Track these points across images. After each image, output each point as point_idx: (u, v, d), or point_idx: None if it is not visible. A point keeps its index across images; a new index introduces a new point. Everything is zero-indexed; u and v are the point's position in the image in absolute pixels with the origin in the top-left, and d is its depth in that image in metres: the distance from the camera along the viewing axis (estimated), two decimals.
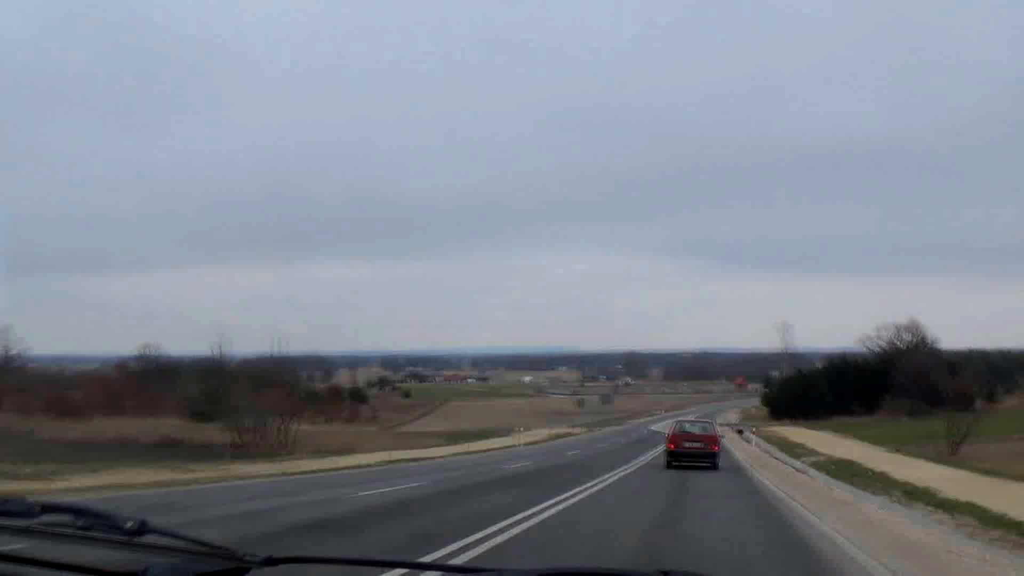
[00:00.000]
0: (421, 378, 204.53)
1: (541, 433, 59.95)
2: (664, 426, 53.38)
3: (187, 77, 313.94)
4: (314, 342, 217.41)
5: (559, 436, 58.73)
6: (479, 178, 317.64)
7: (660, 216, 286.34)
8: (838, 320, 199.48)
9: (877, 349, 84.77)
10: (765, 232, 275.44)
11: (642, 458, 32.04)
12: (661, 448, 31.02)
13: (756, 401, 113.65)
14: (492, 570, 1.57)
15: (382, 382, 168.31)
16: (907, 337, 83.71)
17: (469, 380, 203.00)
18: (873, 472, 24.53)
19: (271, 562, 1.73)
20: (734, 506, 16.37)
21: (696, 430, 28.28)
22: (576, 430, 66.89)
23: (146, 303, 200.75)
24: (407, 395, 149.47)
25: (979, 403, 79.03)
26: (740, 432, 64.45)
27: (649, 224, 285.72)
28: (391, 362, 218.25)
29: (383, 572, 3.43)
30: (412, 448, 41.20)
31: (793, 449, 39.64)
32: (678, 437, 27.24)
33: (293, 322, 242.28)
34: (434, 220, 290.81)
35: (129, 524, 1.71)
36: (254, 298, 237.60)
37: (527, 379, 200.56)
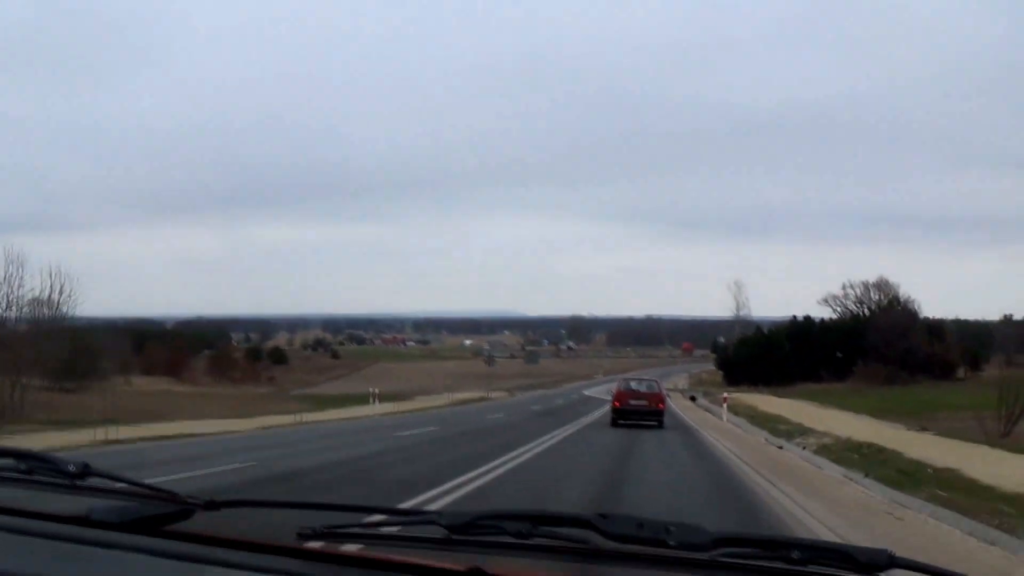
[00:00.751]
0: (360, 340, 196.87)
1: (443, 399, 49.37)
2: (600, 391, 44.34)
3: (125, 32, 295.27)
4: (260, 304, 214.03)
5: (466, 401, 48.40)
6: (425, 139, 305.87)
7: (608, 181, 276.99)
8: (788, 289, 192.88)
9: (843, 310, 75.01)
10: (715, 198, 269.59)
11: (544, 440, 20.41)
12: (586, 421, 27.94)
13: (708, 366, 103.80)
14: (432, 512, 1.61)
15: (317, 344, 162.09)
16: (876, 297, 73.65)
17: (409, 343, 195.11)
18: (964, 477, 13.45)
19: (213, 505, 1.69)
20: None
21: (642, 388, 27.58)
22: (496, 394, 55.32)
23: (86, 263, 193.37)
24: (335, 356, 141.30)
25: (962, 371, 71.12)
26: (693, 399, 53.68)
27: (597, 188, 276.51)
28: (332, 325, 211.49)
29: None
30: (259, 415, 29.70)
31: (772, 424, 28.54)
32: (624, 395, 26.61)
33: (239, 284, 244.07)
34: (380, 182, 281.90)
35: (71, 467, 1.69)
36: (199, 260, 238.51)
37: (468, 342, 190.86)
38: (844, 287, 76.10)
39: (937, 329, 64.97)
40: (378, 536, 1.71)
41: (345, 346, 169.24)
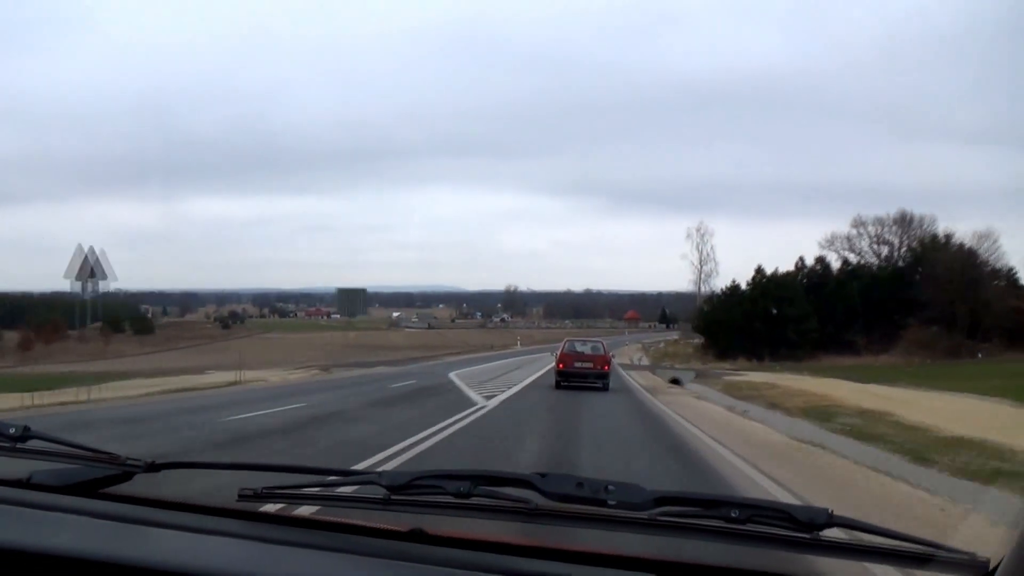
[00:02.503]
0: (283, 313, 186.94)
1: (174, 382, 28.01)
2: (489, 372, 31.25)
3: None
4: (196, 279, 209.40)
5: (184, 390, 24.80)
6: (363, 110, 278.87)
7: (549, 152, 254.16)
8: (731, 264, 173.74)
9: (853, 255, 52.48)
10: (657, 172, 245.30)
11: None
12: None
13: (666, 335, 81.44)
14: (373, 472, 1.57)
15: (233, 316, 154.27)
16: (903, 239, 50.92)
17: (333, 316, 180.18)
18: None
19: (154, 467, 1.66)
20: None
21: (587, 350, 24.25)
22: (296, 374, 32.36)
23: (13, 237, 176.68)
24: (226, 327, 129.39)
25: None
26: (676, 382, 30.33)
27: (538, 161, 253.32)
28: (262, 298, 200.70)
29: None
30: None
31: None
32: (568, 357, 23.72)
33: (173, 258, 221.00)
34: (319, 154, 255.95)
35: (12, 430, 1.66)
36: (134, 233, 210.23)
37: (396, 314, 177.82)
38: (856, 224, 53.18)
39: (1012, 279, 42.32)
40: (319, 496, 1.66)
41: (266, 319, 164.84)
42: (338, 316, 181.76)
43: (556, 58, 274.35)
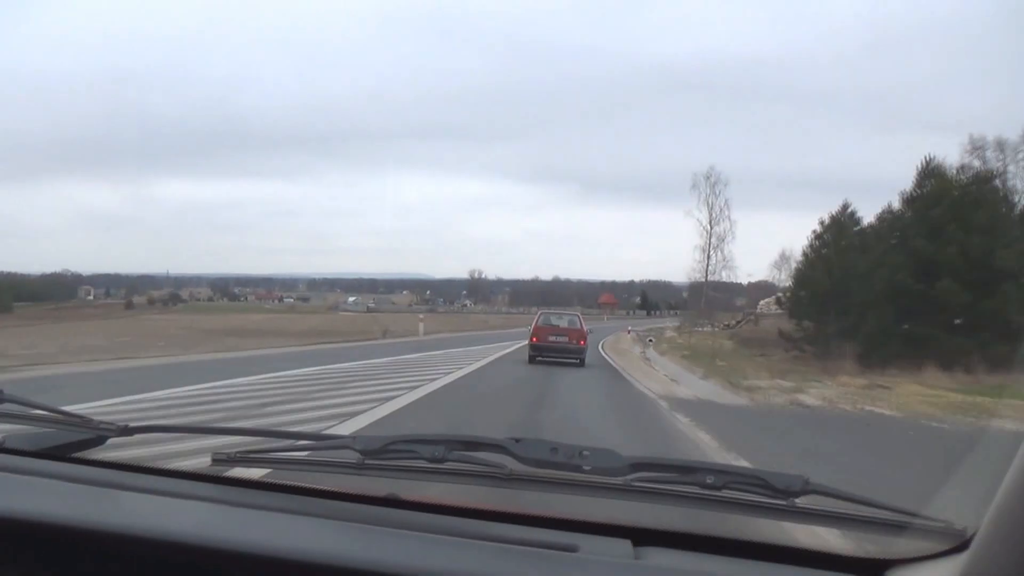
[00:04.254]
0: (232, 297, 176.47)
1: None
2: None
3: None
4: (158, 262, 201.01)
5: None
6: (329, 94, 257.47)
7: (519, 138, 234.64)
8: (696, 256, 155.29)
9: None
10: (631, 159, 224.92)
11: None
12: None
13: (656, 323, 61.61)
14: (347, 437, 1.52)
15: (173, 299, 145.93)
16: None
17: (287, 300, 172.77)
18: None
19: (127, 431, 1.62)
20: None
21: (563, 323, 22.49)
22: None
23: None
24: (130, 306, 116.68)
25: None
26: None
27: (508, 146, 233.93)
28: (222, 283, 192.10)
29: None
30: None
31: None
32: (542, 330, 21.85)
33: (137, 241, 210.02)
34: (285, 139, 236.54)
35: None
36: (99, 216, 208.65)
37: (351, 299, 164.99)
38: (971, 141, 33.42)
39: None
40: (293, 461, 1.58)
41: (213, 302, 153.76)
42: (291, 300, 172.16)
43: (528, 40, 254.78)
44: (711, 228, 49.84)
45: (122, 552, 1.20)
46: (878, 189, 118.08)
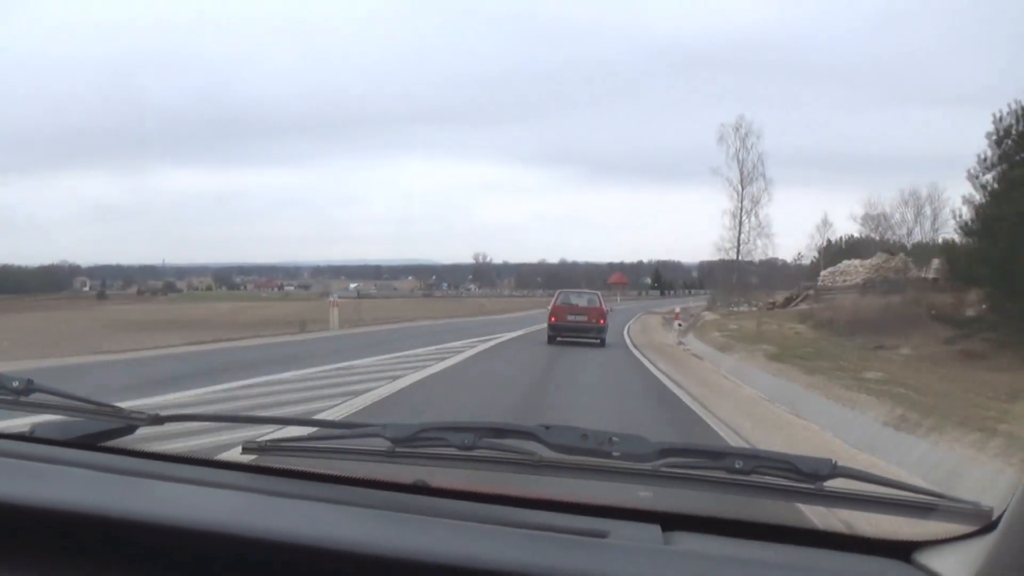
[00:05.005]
0: (232, 286, 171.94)
1: None
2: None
3: None
4: (161, 253, 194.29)
5: None
6: (331, 78, 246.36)
7: (525, 120, 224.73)
8: (706, 236, 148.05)
9: None
10: (637, 140, 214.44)
11: None
12: None
13: (690, 303, 53.46)
14: (377, 425, 1.49)
15: (167, 288, 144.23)
16: None
17: (287, 288, 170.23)
18: None
19: (158, 420, 1.60)
20: None
21: (582, 302, 21.74)
22: None
23: None
24: (102, 296, 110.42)
25: None
26: None
27: (513, 129, 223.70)
28: (224, 272, 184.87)
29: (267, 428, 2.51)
30: None
31: None
32: (561, 309, 21.21)
33: (140, 232, 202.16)
34: (287, 125, 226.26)
35: (15, 384, 1.57)
36: (100, 207, 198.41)
37: (353, 286, 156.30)
38: None
39: None
40: (323, 449, 1.56)
41: (212, 291, 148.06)
42: (291, 288, 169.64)
43: (534, 20, 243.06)
44: (742, 188, 41.22)
45: (153, 540, 1.17)
46: (895, 165, 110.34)
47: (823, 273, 36.33)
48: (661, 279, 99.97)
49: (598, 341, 20.36)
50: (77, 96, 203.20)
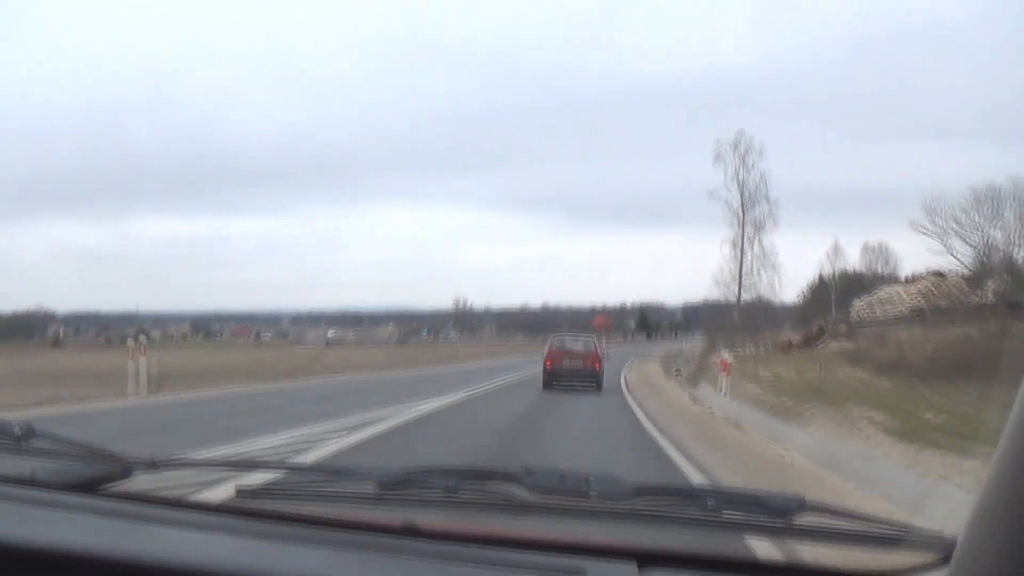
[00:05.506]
0: (209, 334, 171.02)
1: None
2: None
3: None
4: (140, 301, 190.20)
5: None
6: (311, 123, 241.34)
7: (504, 165, 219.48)
8: (685, 278, 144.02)
9: None
10: (616, 183, 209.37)
11: None
12: None
13: (680, 345, 48.42)
14: (364, 470, 1.55)
15: (138, 334, 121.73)
16: None
17: (264, 336, 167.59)
18: None
19: (154, 465, 1.62)
20: None
21: (578, 347, 21.13)
22: None
23: None
24: (56, 344, 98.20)
25: None
26: None
27: (493, 175, 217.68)
28: (202, 320, 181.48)
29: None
30: None
31: None
32: (557, 354, 20.57)
33: (118, 280, 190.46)
34: (266, 172, 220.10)
35: (16, 430, 1.60)
36: (78, 253, 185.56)
37: (331, 333, 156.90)
38: None
39: None
40: (314, 494, 1.60)
41: (188, 339, 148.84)
42: (268, 335, 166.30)
43: (511, 64, 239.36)
44: (743, 213, 35.64)
45: None
46: (880, 200, 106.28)
47: (857, 303, 30.62)
48: (647, 321, 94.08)
49: (594, 386, 19.81)
50: (56, 142, 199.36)
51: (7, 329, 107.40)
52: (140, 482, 1.58)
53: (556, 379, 19.82)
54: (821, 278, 49.25)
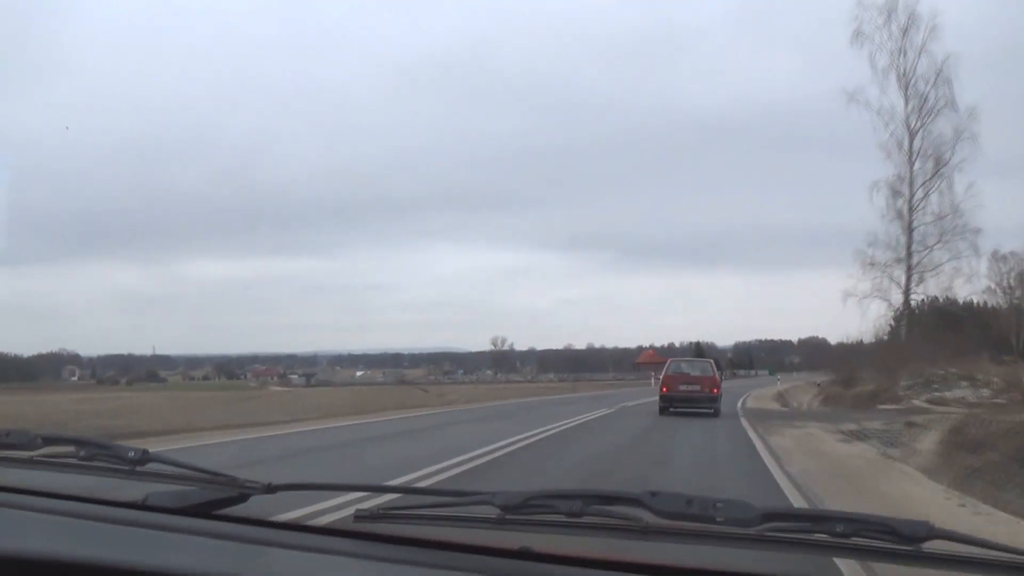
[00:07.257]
0: (230, 375, 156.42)
1: None
2: None
3: (15, 38, 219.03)
4: (173, 343, 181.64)
5: None
6: (356, 161, 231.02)
7: (552, 205, 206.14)
8: (738, 318, 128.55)
9: None
10: (666, 221, 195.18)
11: None
12: None
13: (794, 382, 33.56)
14: (487, 493, 1.49)
15: (150, 377, 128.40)
16: None
17: (292, 377, 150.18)
18: None
19: (272, 489, 1.58)
20: None
21: (694, 371, 20.80)
22: None
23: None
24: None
25: None
26: None
27: (540, 214, 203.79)
28: (232, 363, 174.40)
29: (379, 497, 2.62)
30: None
31: None
32: (672, 379, 20.18)
33: (156, 321, 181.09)
34: (310, 212, 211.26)
35: (131, 454, 1.60)
36: (123, 296, 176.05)
37: (359, 374, 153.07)
38: None
39: None
40: (433, 516, 1.54)
41: (210, 380, 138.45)
42: (295, 377, 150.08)
43: (559, 100, 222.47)
44: (910, 126, 20.83)
45: None
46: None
47: None
48: (702, 353, 77.60)
49: (711, 411, 19.24)
50: (94, 184, 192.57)
51: (25, 371, 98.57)
52: (257, 505, 1.53)
53: (672, 404, 19.48)
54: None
